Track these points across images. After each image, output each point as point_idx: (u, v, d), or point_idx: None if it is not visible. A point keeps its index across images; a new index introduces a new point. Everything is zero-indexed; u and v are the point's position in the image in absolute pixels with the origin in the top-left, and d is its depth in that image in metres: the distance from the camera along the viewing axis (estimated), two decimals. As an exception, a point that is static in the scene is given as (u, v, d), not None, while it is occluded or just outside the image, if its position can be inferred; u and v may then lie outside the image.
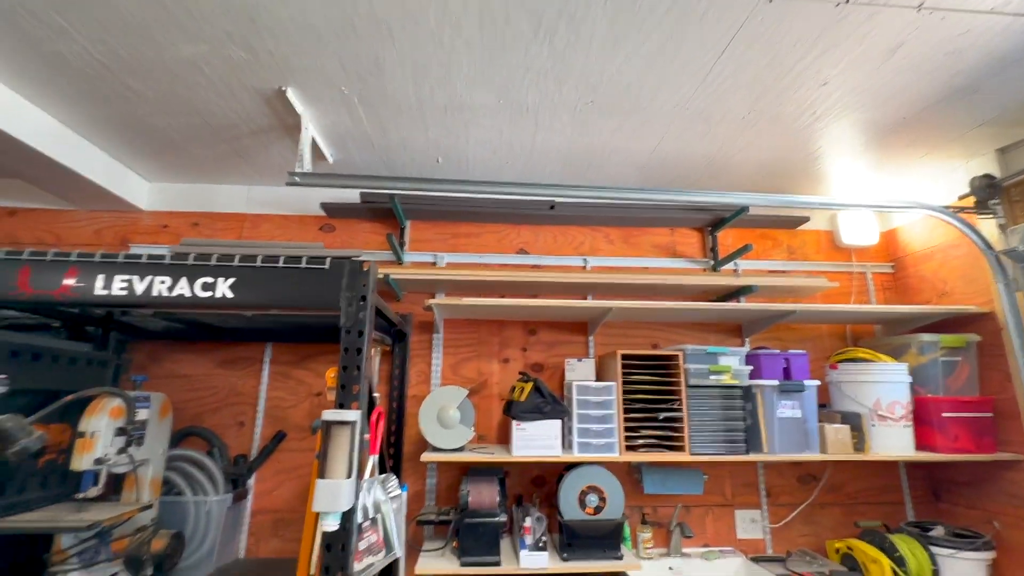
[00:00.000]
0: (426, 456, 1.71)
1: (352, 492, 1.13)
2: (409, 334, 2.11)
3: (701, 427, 1.79)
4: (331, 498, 1.09)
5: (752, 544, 2.06)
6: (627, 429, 1.78)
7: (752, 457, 1.79)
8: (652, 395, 1.83)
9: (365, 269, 1.31)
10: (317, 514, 1.26)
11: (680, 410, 1.78)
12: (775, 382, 1.83)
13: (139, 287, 1.25)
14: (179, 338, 2.09)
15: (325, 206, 2.21)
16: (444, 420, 1.74)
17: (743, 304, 1.97)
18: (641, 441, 1.78)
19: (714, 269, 2.32)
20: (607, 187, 1.84)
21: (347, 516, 1.14)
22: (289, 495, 1.98)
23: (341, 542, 1.14)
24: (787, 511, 2.10)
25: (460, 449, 1.79)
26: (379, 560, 1.35)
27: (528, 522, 1.71)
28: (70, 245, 2.18)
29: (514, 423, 1.72)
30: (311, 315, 1.93)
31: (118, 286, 1.25)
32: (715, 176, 2.16)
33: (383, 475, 1.46)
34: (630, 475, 2.05)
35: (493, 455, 1.77)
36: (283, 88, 1.57)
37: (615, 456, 1.73)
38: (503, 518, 1.70)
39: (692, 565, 1.90)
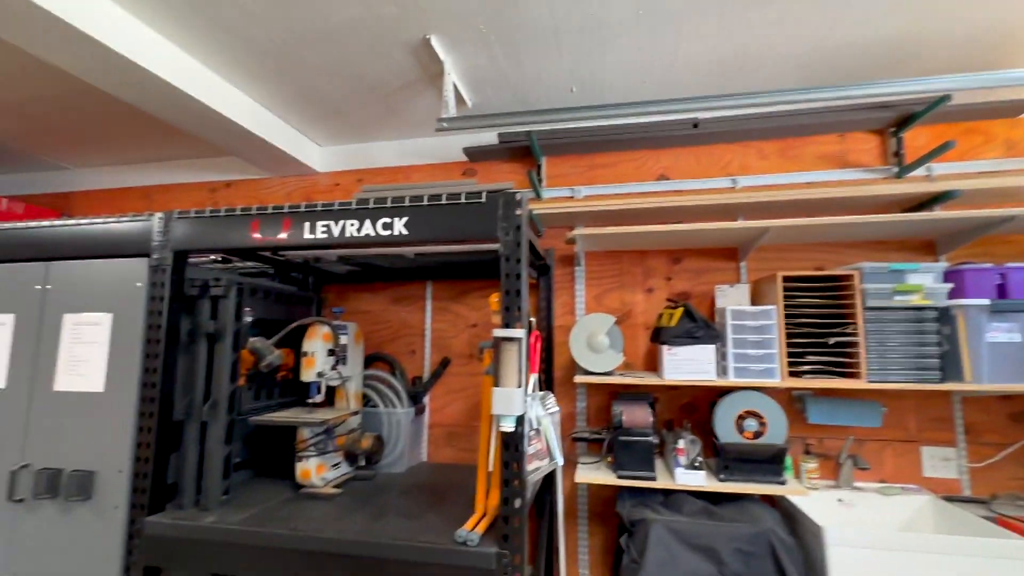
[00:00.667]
0: (579, 378, 1.82)
1: (523, 399, 1.26)
2: (552, 268, 2.20)
3: (881, 353, 1.61)
4: (507, 403, 1.23)
5: (943, 484, 1.84)
6: (790, 355, 1.67)
7: (948, 386, 1.57)
8: (819, 319, 1.68)
9: (518, 198, 1.38)
10: (492, 421, 1.44)
11: (855, 334, 1.62)
12: (985, 301, 1.55)
13: (335, 230, 1.49)
14: (358, 280, 2.44)
15: (467, 150, 2.33)
16: (594, 345, 1.81)
17: (946, 213, 1.66)
18: (807, 367, 1.67)
19: (898, 177, 1.98)
20: (763, 92, 1.66)
21: (519, 420, 1.28)
22: (458, 412, 2.26)
23: (516, 442, 1.29)
24: (992, 451, 1.82)
25: (609, 373, 1.86)
26: (544, 465, 1.50)
27: (681, 444, 1.74)
28: (270, 207, 2.63)
29: (664, 348, 1.72)
30: (465, 253, 2.11)
31: (320, 230, 1.50)
32: (901, 64, 1.81)
33: (542, 393, 1.59)
34: (791, 405, 1.94)
35: (643, 379, 1.80)
36: (427, 36, 1.66)
37: (776, 381, 1.65)
38: (655, 439, 1.75)
39: (866, 499, 1.77)
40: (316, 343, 1.76)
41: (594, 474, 1.77)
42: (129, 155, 2.75)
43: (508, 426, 1.26)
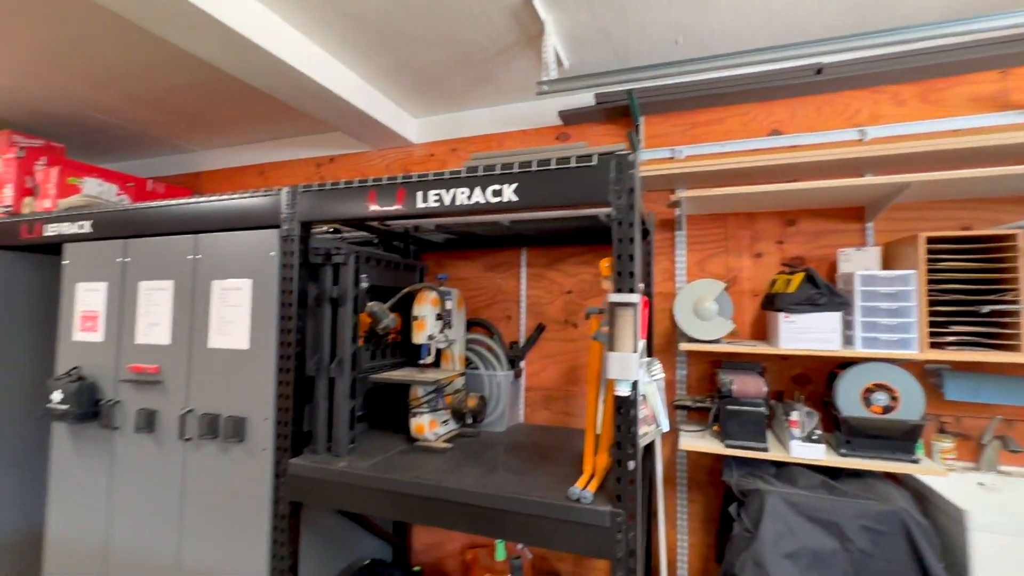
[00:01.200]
0: (685, 346, 1.77)
1: (637, 364, 1.26)
2: (652, 232, 2.13)
3: (1049, 323, 1.41)
4: (622, 367, 1.24)
5: (1116, 473, 1.61)
6: (932, 324, 1.52)
7: None
8: (969, 285, 1.50)
9: (630, 160, 1.34)
10: (599, 385, 1.45)
11: (1016, 302, 1.43)
12: None
13: (446, 198, 1.54)
14: (455, 248, 2.52)
15: (562, 114, 2.28)
16: (701, 312, 1.75)
17: None
18: (952, 338, 1.50)
19: (1078, 118, 1.68)
20: (909, 27, 1.45)
21: (633, 385, 1.28)
22: (553, 376, 2.31)
23: (629, 406, 1.30)
24: None
25: (716, 341, 1.79)
26: (651, 431, 1.50)
27: (795, 416, 1.66)
28: (371, 180, 2.77)
29: (781, 316, 1.63)
30: (560, 220, 2.10)
31: (432, 199, 1.55)
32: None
33: (648, 359, 1.57)
34: (924, 379, 1.77)
35: (755, 348, 1.72)
36: (530, -4, 1.63)
37: (914, 353, 1.51)
38: (765, 410, 1.68)
39: (1013, 485, 1.60)
40: (425, 308, 1.85)
41: (699, 442, 1.74)
42: (246, 136, 2.99)
43: (623, 390, 1.26)
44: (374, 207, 1.63)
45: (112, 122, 2.77)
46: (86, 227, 2.16)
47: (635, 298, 1.27)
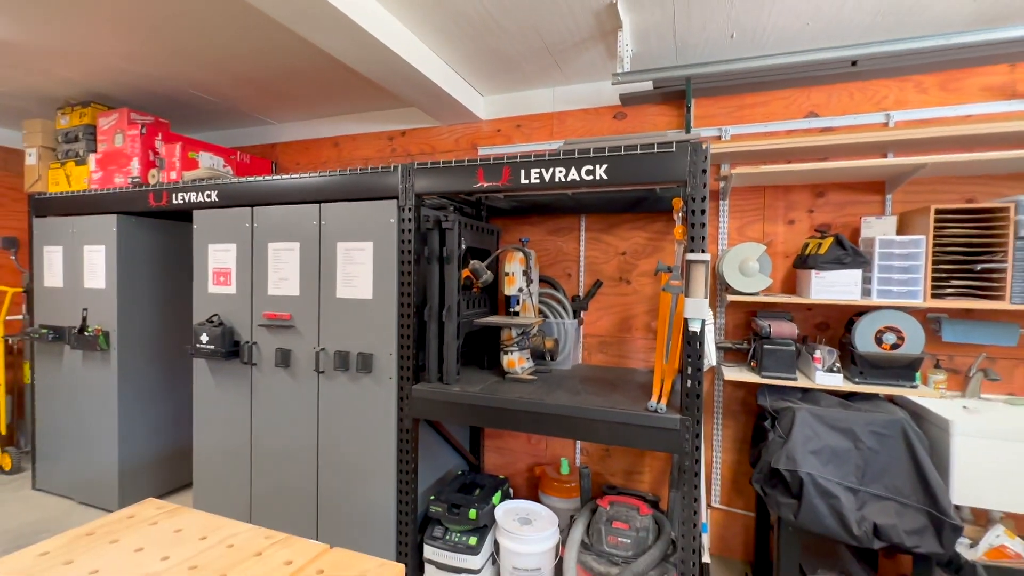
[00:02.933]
0: (732, 297, 2.16)
1: (707, 306, 1.64)
2: (699, 202, 2.48)
3: (1028, 278, 1.79)
4: (697, 309, 1.63)
5: (1074, 399, 2.02)
6: (935, 280, 1.89)
7: (1095, 309, 1.73)
8: (968, 248, 1.86)
9: (704, 147, 1.69)
10: (668, 324, 1.84)
11: (1004, 261, 1.80)
12: None
13: (546, 176, 1.89)
14: (520, 214, 2.88)
15: (623, 96, 2.59)
16: (745, 270, 2.13)
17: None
18: (951, 290, 1.88)
19: (1073, 107, 1.99)
20: (931, 35, 1.75)
21: (703, 323, 1.68)
22: (608, 325, 2.71)
23: (698, 339, 1.70)
24: None
25: (755, 294, 2.18)
26: (702, 364, 1.90)
27: (818, 354, 2.06)
28: (441, 152, 3.10)
29: (813, 272, 2.01)
30: (617, 191, 2.45)
31: (534, 176, 1.91)
32: (1098, -13, 1.78)
33: (704, 306, 1.96)
34: (926, 324, 2.16)
35: (789, 299, 2.11)
36: (614, 1, 1.92)
37: (919, 302, 1.89)
38: (795, 348, 2.09)
39: (992, 408, 2.01)
40: (515, 266, 2.24)
41: (740, 375, 2.16)
42: (322, 110, 3.29)
43: (695, 327, 1.66)
44: (482, 183, 1.99)
45: (207, 98, 3.08)
46: (213, 196, 2.53)
47: (707, 256, 1.64)
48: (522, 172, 1.92)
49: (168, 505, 1.33)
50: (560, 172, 1.87)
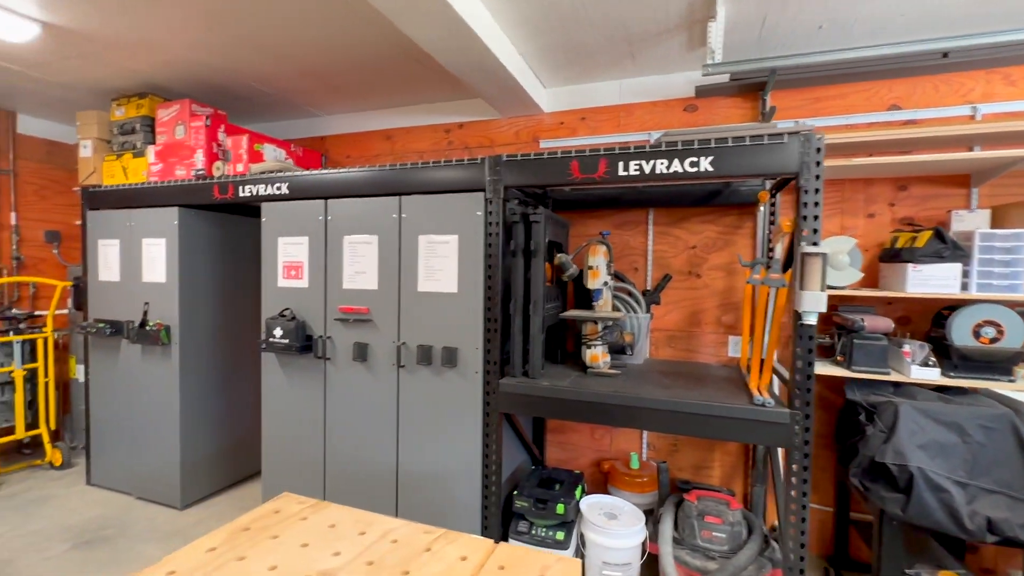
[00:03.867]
0: (819, 291, 2.15)
1: (825, 300, 1.63)
2: (777, 195, 2.46)
3: None
4: (815, 302, 1.61)
5: None
6: (1037, 272, 1.88)
7: None
8: (1072, 241, 1.85)
9: (817, 137, 1.67)
10: (764, 321, 1.82)
11: (1113, 254, 1.79)
12: None
13: (646, 167, 1.87)
14: (586, 207, 2.85)
15: (699, 88, 2.56)
16: (835, 263, 2.11)
17: None
18: (1054, 283, 1.87)
19: None
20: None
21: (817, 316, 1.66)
22: (677, 319, 2.70)
23: (809, 333, 1.69)
24: None
25: (842, 288, 2.16)
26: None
27: (907, 347, 2.05)
28: (500, 145, 3.07)
29: (910, 266, 1.99)
30: (687, 184, 2.44)
31: (632, 168, 1.88)
32: None
33: (799, 300, 1.94)
34: None
35: (875, 292, 2.10)
36: (714, -10, 1.89)
37: (1020, 295, 1.88)
38: (885, 343, 2.08)
39: (1083, 402, 2.01)
40: (599, 259, 2.22)
41: (826, 369, 2.15)
42: (373, 102, 3.26)
43: (811, 320, 1.64)
44: (576, 176, 1.96)
45: (262, 90, 3.04)
46: (283, 188, 2.50)
47: (826, 248, 1.62)
48: (620, 164, 1.90)
49: (307, 500, 1.31)
50: (662, 164, 1.85)
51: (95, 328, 2.99)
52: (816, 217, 1.67)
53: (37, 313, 3.49)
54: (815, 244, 1.66)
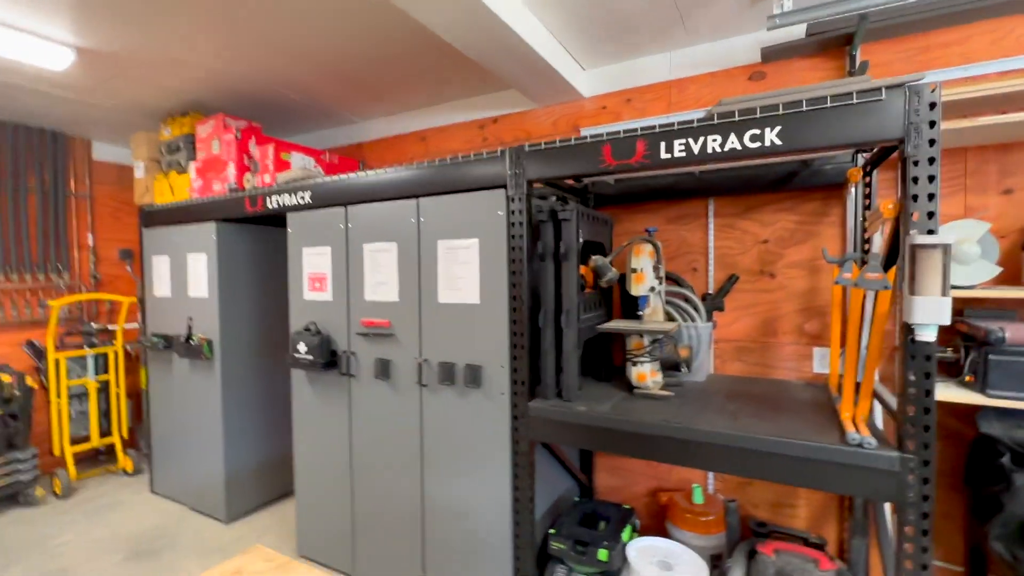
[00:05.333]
0: (936, 292, 1.67)
1: (948, 308, 1.20)
2: (875, 171, 1.98)
3: None
4: (933, 312, 1.19)
5: None
6: None
7: None
8: None
9: (931, 89, 1.24)
10: (859, 332, 1.40)
11: None
12: None
13: (695, 147, 1.52)
14: (632, 201, 2.50)
15: (765, 51, 2.13)
16: (959, 255, 1.63)
17: None
18: None
19: None
20: None
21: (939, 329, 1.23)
22: (747, 327, 2.28)
23: (926, 352, 1.26)
24: None
25: (971, 287, 1.67)
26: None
27: (1071, 365, 1.52)
28: (537, 137, 2.80)
29: (1073, 255, 1.47)
30: (759, 167, 2.03)
31: (677, 149, 1.54)
32: None
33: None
34: None
35: (1017, 291, 1.58)
36: (778, -81, 1.51)
37: None
38: (1034, 359, 1.56)
39: None
40: (644, 260, 1.88)
41: (948, 393, 1.66)
42: (406, 102, 3.11)
43: (928, 335, 1.22)
44: (609, 163, 1.65)
45: (295, 98, 3.00)
46: (306, 198, 2.40)
47: (947, 236, 1.20)
48: (662, 145, 1.56)
49: (276, 556, 1.12)
50: (714, 141, 1.49)
51: (150, 342, 3.09)
52: (931, 196, 1.24)
53: (110, 328, 3.71)
54: (931, 232, 1.23)
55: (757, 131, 1.43)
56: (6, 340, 3.45)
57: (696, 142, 1.51)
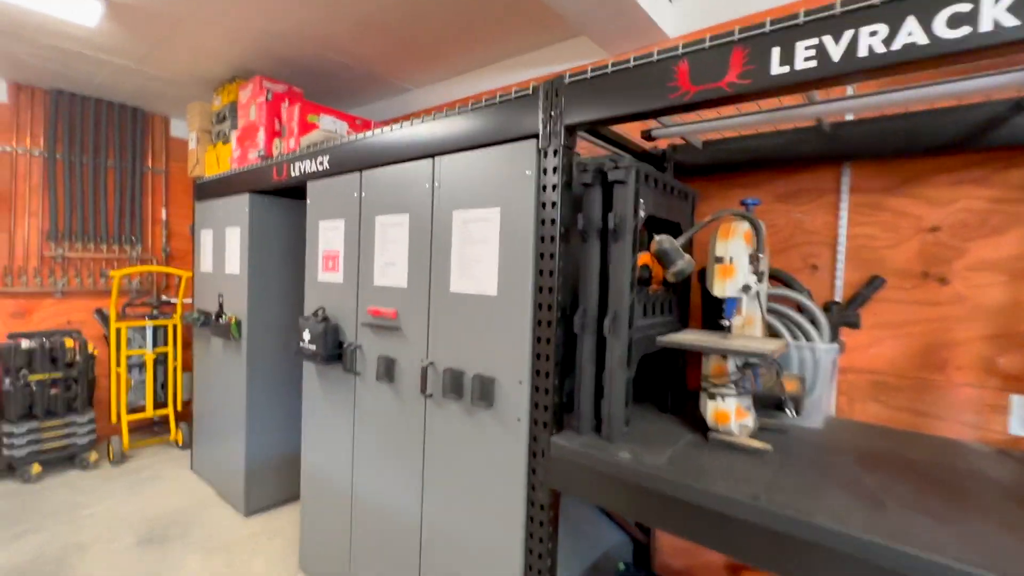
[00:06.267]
0: None
1: None
2: None
3: None
4: None
5: None
6: None
7: None
8: None
9: None
10: None
11: None
12: None
13: (833, 51, 0.90)
14: (727, 171, 1.86)
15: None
16: None
17: None
18: None
19: None
20: None
21: None
22: (894, 354, 1.55)
23: None
24: None
25: None
26: None
27: None
28: (606, 95, 2.23)
29: None
30: (936, 112, 1.31)
31: (803, 56, 0.93)
32: None
33: None
34: None
35: None
36: None
37: None
38: None
39: None
40: (736, 245, 1.28)
41: None
42: (462, 63, 2.70)
43: None
44: (686, 90, 1.08)
45: (342, 62, 2.71)
46: (324, 163, 2.07)
47: None
48: (775, 53, 0.96)
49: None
50: (873, 36, 0.86)
51: (191, 318, 3.00)
52: None
53: (172, 301, 3.75)
54: None
55: (967, 6, 0.79)
56: (83, 307, 3.60)
57: (838, 41, 0.90)
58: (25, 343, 3.01)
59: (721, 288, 1.28)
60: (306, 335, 1.98)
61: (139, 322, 3.49)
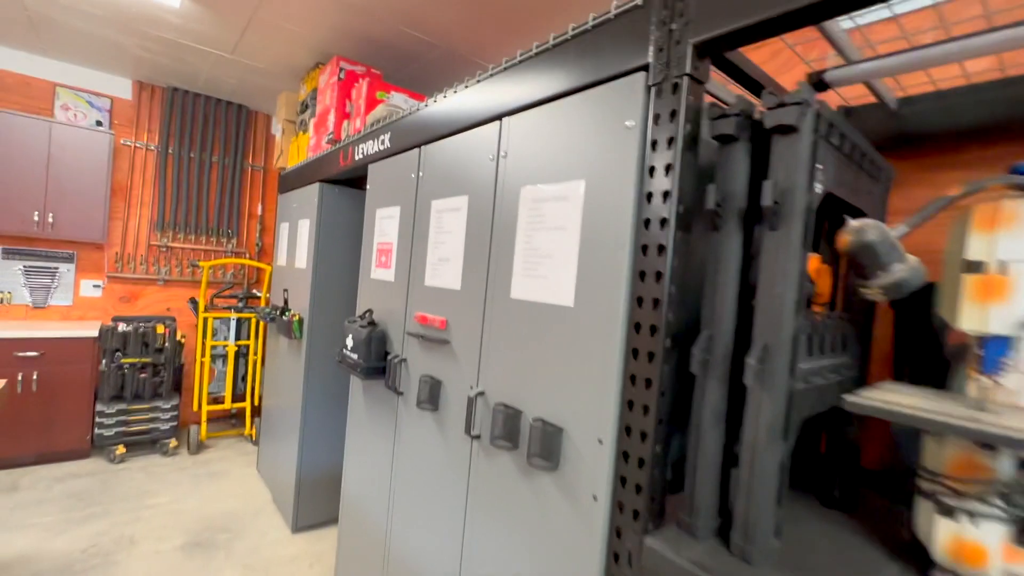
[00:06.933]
0: None
1: None
2: None
3: None
4: None
5: None
6: None
7: None
8: None
9: None
10: None
11: None
12: None
13: None
14: (935, 142, 1.24)
15: None
16: None
17: None
18: None
19: None
20: None
21: None
22: None
23: None
24: None
25: None
26: None
27: None
28: (740, 53, 1.69)
29: None
30: None
31: None
32: None
33: None
34: None
35: None
36: None
37: None
38: None
39: None
40: (1015, 241, 0.70)
41: None
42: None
43: None
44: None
45: (423, 39, 2.45)
46: (386, 141, 1.77)
47: None
48: None
49: None
50: None
51: (262, 314, 2.91)
52: None
53: (259, 295, 3.78)
54: None
55: None
56: (182, 295, 3.74)
57: None
58: (122, 327, 3.12)
59: (980, 318, 0.71)
60: (349, 341, 1.67)
61: (224, 313, 3.52)
